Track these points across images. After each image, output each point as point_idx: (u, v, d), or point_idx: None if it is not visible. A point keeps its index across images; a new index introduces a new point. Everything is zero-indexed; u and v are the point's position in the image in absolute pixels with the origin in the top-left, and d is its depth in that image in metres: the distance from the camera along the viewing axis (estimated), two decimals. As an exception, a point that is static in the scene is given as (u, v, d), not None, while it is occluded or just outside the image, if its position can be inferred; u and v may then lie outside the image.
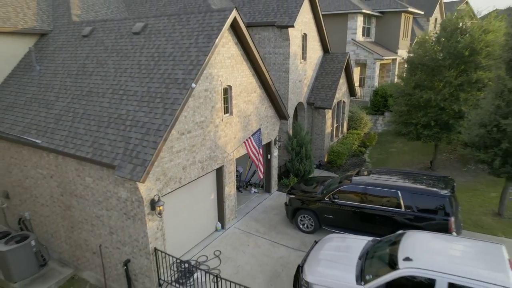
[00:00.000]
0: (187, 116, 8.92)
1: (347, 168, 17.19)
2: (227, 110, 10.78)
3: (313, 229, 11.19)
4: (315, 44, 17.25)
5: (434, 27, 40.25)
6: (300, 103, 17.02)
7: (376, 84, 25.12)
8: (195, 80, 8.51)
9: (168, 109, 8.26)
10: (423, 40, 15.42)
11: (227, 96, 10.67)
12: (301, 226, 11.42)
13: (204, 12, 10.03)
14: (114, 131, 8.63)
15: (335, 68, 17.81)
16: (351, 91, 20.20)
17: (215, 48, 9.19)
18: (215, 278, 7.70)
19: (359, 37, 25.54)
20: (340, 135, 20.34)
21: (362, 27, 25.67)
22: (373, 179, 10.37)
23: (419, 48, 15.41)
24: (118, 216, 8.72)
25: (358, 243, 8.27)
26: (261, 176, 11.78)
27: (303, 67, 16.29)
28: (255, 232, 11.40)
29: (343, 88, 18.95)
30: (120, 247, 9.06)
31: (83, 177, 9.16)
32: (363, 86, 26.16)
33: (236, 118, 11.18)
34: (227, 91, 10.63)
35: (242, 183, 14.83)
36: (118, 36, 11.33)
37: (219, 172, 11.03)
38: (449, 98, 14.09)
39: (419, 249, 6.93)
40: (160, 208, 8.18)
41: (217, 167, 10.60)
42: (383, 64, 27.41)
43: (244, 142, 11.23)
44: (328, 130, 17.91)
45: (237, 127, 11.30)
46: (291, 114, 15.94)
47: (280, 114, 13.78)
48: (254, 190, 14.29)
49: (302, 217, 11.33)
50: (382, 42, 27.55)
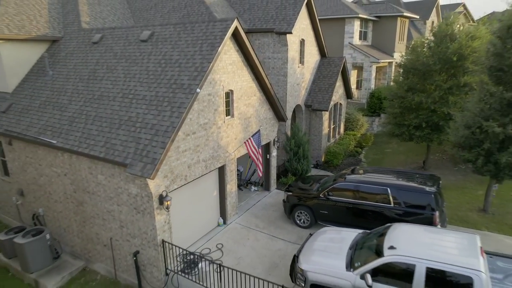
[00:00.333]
0: (192, 119, 9.67)
1: (344, 167, 17.92)
2: (228, 112, 11.53)
3: (309, 224, 11.93)
4: (312, 49, 18.01)
5: (431, 30, 41.14)
6: (298, 106, 17.77)
7: (372, 86, 25.89)
8: (199, 86, 9.26)
9: (175, 112, 9.01)
10: (416, 46, 16.18)
11: (229, 99, 11.42)
12: (298, 222, 12.16)
13: (208, 22, 10.79)
14: (125, 132, 9.39)
15: (331, 72, 18.56)
16: (348, 94, 20.96)
17: (218, 55, 9.94)
18: (218, 267, 8.45)
19: (356, 40, 26.30)
20: (337, 136, 21.08)
21: (359, 31, 26.43)
22: (364, 177, 11.11)
23: (411, 53, 16.18)
24: (128, 211, 9.46)
25: (349, 235, 9.02)
26: (260, 174, 12.55)
27: (301, 71, 17.05)
28: (255, 227, 12.14)
29: (339, 90, 19.69)
30: (129, 239, 9.80)
31: (95, 174, 9.91)
32: (360, 89, 26.91)
33: (237, 120, 11.93)
34: (229, 95, 11.38)
35: (243, 182, 15.58)
36: (126, 43, 12.09)
37: (221, 170, 11.78)
38: (439, 101, 14.83)
39: (403, 239, 7.67)
40: (168, 203, 8.93)
41: (219, 165, 11.35)
42: (380, 67, 28.16)
43: (244, 143, 11.99)
44: (325, 131, 18.66)
45: (238, 129, 12.04)
46: (289, 116, 16.69)
47: (278, 116, 14.53)
48: (254, 188, 15.05)
49: (299, 213, 12.07)
50: (378, 46, 28.31)
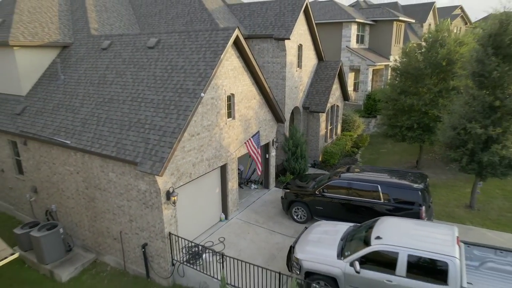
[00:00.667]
0: (196, 121, 10.47)
1: (340, 167, 18.69)
2: (230, 115, 12.32)
3: (305, 219, 12.71)
4: (310, 53, 18.80)
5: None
6: (296, 108, 18.56)
7: (369, 88, 26.69)
8: (203, 90, 10.05)
9: (181, 115, 9.80)
10: (408, 50, 16.97)
11: (230, 102, 12.21)
12: (295, 217, 12.95)
13: (211, 30, 11.59)
14: (135, 133, 10.18)
15: (328, 75, 19.35)
16: (345, 96, 21.75)
17: (220, 62, 10.74)
18: (221, 257, 9.24)
19: (353, 44, 27.11)
20: (334, 137, 21.86)
21: (356, 34, 27.24)
22: (357, 175, 11.90)
23: (404, 57, 16.98)
24: (137, 206, 10.25)
25: (341, 227, 9.80)
26: (259, 172, 13.35)
27: (298, 75, 17.84)
28: (254, 222, 12.93)
29: (336, 93, 20.48)
30: (138, 232, 10.59)
31: (106, 172, 10.70)
32: (357, 91, 27.71)
33: (238, 122, 12.72)
34: (230, 98, 12.17)
35: (243, 180, 16.37)
36: (134, 49, 12.89)
37: (223, 169, 12.57)
38: (430, 103, 15.62)
39: (388, 230, 8.45)
40: (174, 198, 9.73)
41: (221, 164, 12.14)
42: (376, 70, 28.96)
43: (245, 143, 12.79)
44: (322, 132, 19.45)
45: (238, 130, 12.83)
46: (288, 117, 17.48)
47: (277, 117, 15.32)
48: (254, 186, 15.85)
49: (296, 209, 12.86)
50: (375, 49, 29.12)
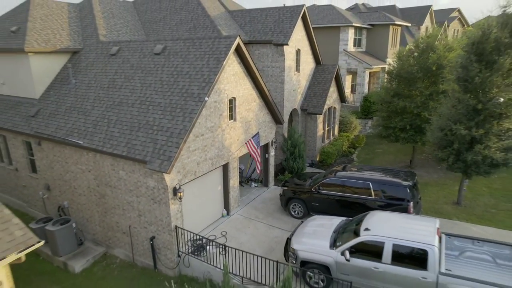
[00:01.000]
0: (200, 123, 11.29)
1: (336, 166, 19.50)
2: (232, 117, 13.14)
3: (302, 215, 13.52)
4: (308, 57, 19.63)
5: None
6: (295, 109, 19.38)
7: (365, 90, 27.51)
8: (207, 95, 10.88)
9: (186, 117, 10.63)
10: (401, 55, 17.79)
11: (232, 105, 13.03)
12: (292, 213, 13.77)
13: (214, 38, 12.42)
14: (144, 134, 11.01)
15: (325, 78, 20.18)
16: (341, 98, 22.57)
17: (223, 68, 11.56)
18: (224, 248, 10.06)
19: (351, 47, 27.93)
20: (332, 137, 22.68)
21: (353, 38, 28.06)
22: (350, 173, 12.72)
23: (397, 61, 17.81)
24: (146, 201, 11.07)
25: (334, 221, 10.63)
26: (258, 171, 14.20)
27: (297, 78, 18.67)
28: (254, 217, 13.75)
29: (333, 95, 21.30)
30: (147, 226, 11.41)
31: (117, 170, 11.53)
32: (355, 93, 28.53)
33: (239, 124, 13.54)
34: (232, 102, 13.00)
35: (244, 179, 17.19)
36: (141, 55, 13.72)
37: (225, 167, 13.39)
38: (421, 105, 16.44)
39: (376, 223, 9.26)
40: (181, 194, 10.56)
41: (223, 163, 12.97)
42: (373, 72, 29.77)
43: (245, 143, 13.62)
44: (319, 133, 20.27)
45: (239, 131, 13.65)
46: (286, 119, 18.30)
47: (276, 119, 16.15)
48: (254, 184, 16.68)
49: (293, 205, 13.67)
50: (372, 52, 29.94)
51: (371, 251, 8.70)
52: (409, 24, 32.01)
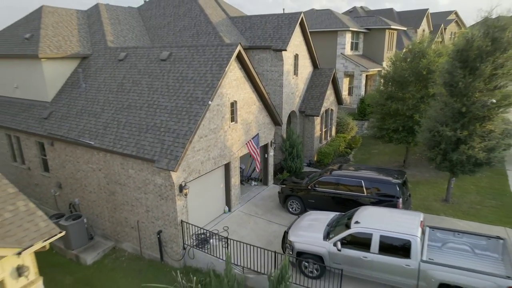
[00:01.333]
0: (204, 125, 12.15)
1: (331, 165, 20.33)
2: (233, 119, 14.00)
3: (299, 211, 14.36)
4: (305, 62, 20.50)
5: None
6: (293, 111, 20.24)
7: (362, 93, 28.39)
8: (211, 98, 11.75)
9: (192, 119, 11.49)
10: (394, 60, 18.66)
11: (233, 108, 13.89)
12: (290, 209, 14.62)
13: (216, 46, 13.29)
14: (152, 135, 11.87)
15: (323, 82, 21.04)
16: (339, 100, 23.43)
17: (225, 74, 12.43)
18: (226, 241, 10.91)
19: (348, 51, 28.81)
20: (329, 138, 23.53)
21: (350, 42, 28.95)
22: (343, 172, 13.57)
23: (391, 65, 18.68)
24: (153, 198, 11.92)
25: (328, 216, 11.49)
26: (258, 169, 15.09)
27: (295, 82, 19.54)
28: (254, 214, 14.60)
29: (330, 98, 22.16)
30: (154, 221, 12.26)
31: (126, 169, 12.38)
32: (352, 95, 29.40)
33: (240, 125, 14.40)
34: (233, 105, 13.86)
35: (244, 178, 18.05)
36: (148, 61, 14.59)
37: (227, 166, 14.25)
38: (413, 108, 17.30)
39: (366, 216, 10.11)
40: (186, 191, 11.41)
41: (225, 162, 13.83)
42: (370, 75, 30.64)
43: (246, 144, 14.49)
44: (317, 134, 21.13)
45: (240, 132, 14.51)
46: (285, 121, 19.16)
47: (275, 121, 17.01)
48: (254, 183, 17.54)
49: (291, 202, 14.53)
50: (369, 55, 30.82)
51: (361, 242, 9.55)
52: (404, 28, 32.89)
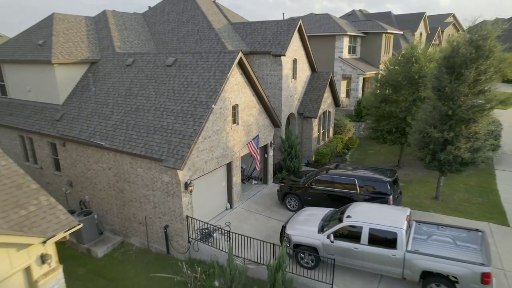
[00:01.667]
0: (208, 127, 13.03)
1: (327, 165, 21.19)
2: (234, 121, 14.88)
3: (297, 208, 15.20)
4: (304, 66, 21.38)
5: (420, 40, 44.63)
6: (292, 114, 21.12)
7: (359, 95, 29.26)
8: (214, 102, 12.63)
9: (196, 122, 12.37)
10: (389, 64, 19.53)
11: (235, 111, 14.78)
12: (288, 206, 15.49)
13: (219, 52, 14.18)
14: (159, 137, 12.75)
15: (320, 85, 21.92)
16: (336, 103, 24.30)
17: (227, 79, 13.31)
18: (228, 235, 11.77)
19: (346, 54, 29.69)
20: (327, 139, 24.39)
21: (348, 46, 29.84)
22: (338, 171, 14.44)
23: (385, 69, 19.55)
24: (161, 195, 12.80)
25: (323, 211, 12.36)
26: (258, 168, 15.97)
27: (293, 85, 20.42)
28: (255, 210, 15.48)
29: (328, 100, 23.03)
30: (161, 216, 13.13)
31: (135, 168, 13.26)
32: (349, 97, 30.27)
33: (241, 127, 15.28)
34: (235, 108, 14.74)
35: (245, 177, 18.92)
36: (155, 67, 15.48)
37: (229, 166, 15.12)
38: (405, 110, 18.17)
39: (357, 211, 10.98)
40: (191, 188, 12.29)
41: (227, 162, 14.70)
42: (367, 78, 31.52)
43: (246, 145, 15.38)
44: (315, 135, 22.00)
45: (241, 134, 15.39)
46: (284, 122, 20.04)
47: (274, 123, 17.89)
48: (254, 182, 18.42)
49: (289, 199, 15.40)
50: (366, 58, 31.71)
51: (352, 234, 10.41)
52: (401, 32, 33.76)
